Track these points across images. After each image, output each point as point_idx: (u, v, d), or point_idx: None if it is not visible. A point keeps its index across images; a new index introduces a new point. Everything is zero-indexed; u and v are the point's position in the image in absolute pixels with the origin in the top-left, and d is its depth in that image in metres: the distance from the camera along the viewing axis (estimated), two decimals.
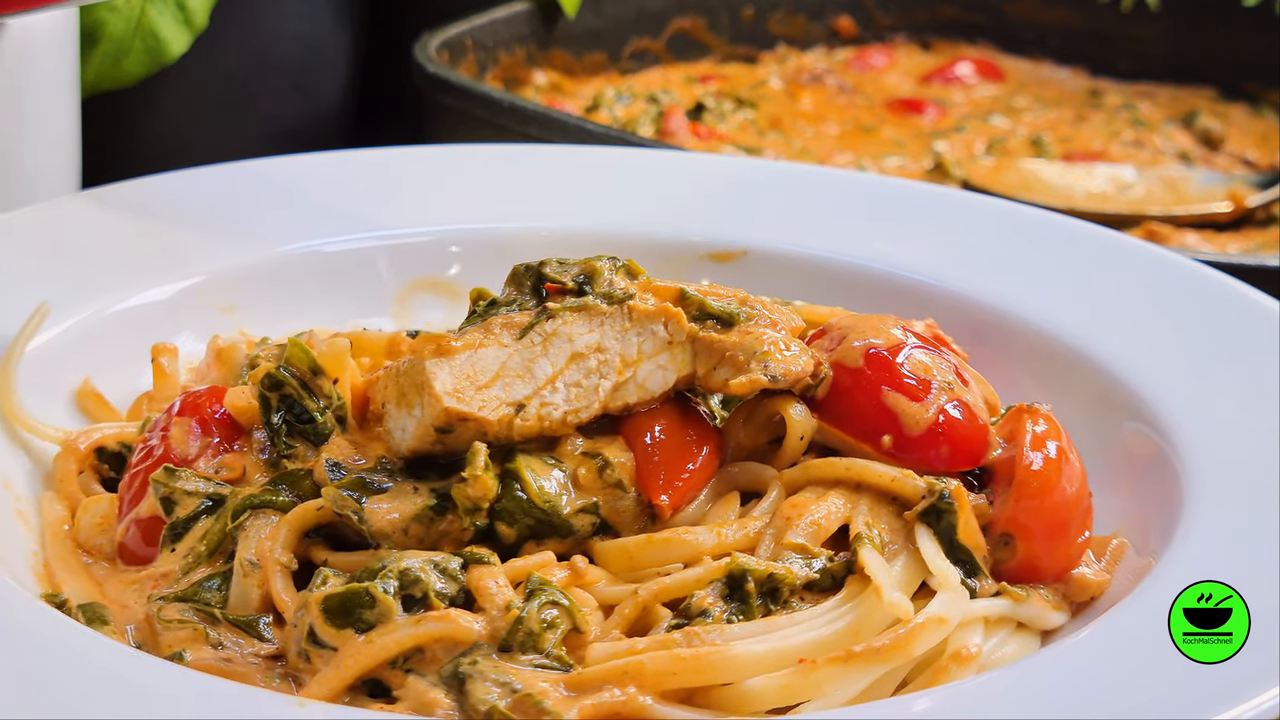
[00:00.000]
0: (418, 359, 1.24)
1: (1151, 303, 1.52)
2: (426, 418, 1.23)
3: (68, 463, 1.38)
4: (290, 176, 1.70)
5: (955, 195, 1.77)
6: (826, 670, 1.15)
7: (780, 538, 1.23)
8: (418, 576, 1.16)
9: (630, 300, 1.28)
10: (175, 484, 1.29)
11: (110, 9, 1.85)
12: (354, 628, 1.15)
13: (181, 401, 1.34)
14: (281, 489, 1.27)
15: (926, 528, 1.24)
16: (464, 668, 1.13)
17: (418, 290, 1.64)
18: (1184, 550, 1.23)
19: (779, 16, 2.57)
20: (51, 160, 1.69)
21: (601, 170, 1.75)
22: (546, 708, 1.11)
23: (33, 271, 1.52)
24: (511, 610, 1.15)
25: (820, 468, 1.27)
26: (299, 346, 1.30)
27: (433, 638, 1.15)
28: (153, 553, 1.29)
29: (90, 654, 1.13)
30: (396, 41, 2.18)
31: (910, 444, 1.28)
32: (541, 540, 1.23)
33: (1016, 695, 1.11)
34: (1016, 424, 1.30)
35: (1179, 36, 2.55)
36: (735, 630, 1.16)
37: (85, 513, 1.34)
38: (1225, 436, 1.34)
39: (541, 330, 1.26)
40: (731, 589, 1.19)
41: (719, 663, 1.14)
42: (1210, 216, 2.10)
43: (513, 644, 1.15)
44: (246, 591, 1.22)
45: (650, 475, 1.26)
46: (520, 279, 1.30)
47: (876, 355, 1.30)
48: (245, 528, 1.25)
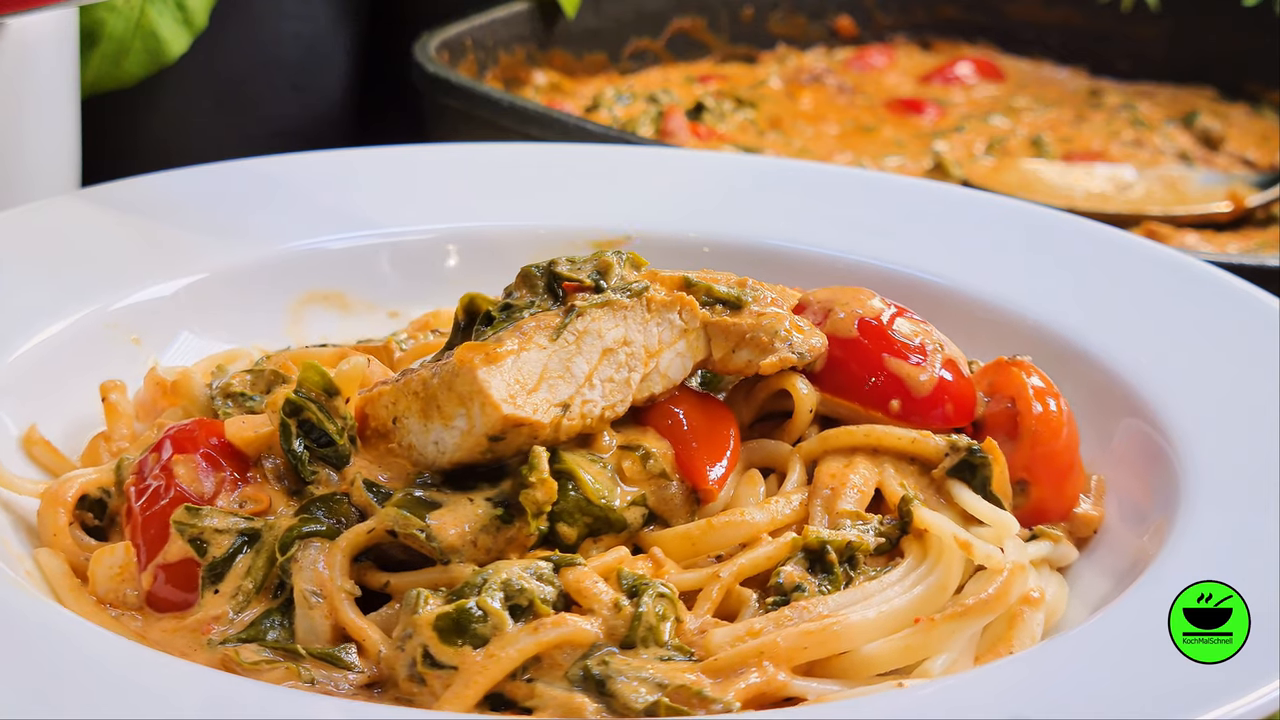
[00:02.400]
0: (466, 368, 1.22)
1: (1150, 299, 1.53)
2: (480, 427, 1.22)
3: (56, 515, 1.31)
4: (285, 175, 1.70)
5: (951, 191, 1.77)
6: (945, 626, 1.19)
7: (831, 507, 1.27)
8: (522, 586, 1.16)
9: (647, 291, 1.29)
10: (202, 523, 1.24)
11: (110, 9, 1.85)
12: (470, 644, 1.14)
13: (171, 439, 1.29)
14: (319, 515, 1.24)
15: (961, 482, 1.29)
16: (596, 669, 1.13)
17: (309, 303, 1.61)
18: (1181, 547, 1.23)
19: (779, 16, 2.57)
20: (51, 160, 1.69)
21: (574, 166, 1.76)
22: (708, 695, 1.12)
23: (29, 270, 1.51)
24: (623, 608, 1.16)
25: (839, 437, 1.31)
26: (314, 369, 1.27)
27: (553, 644, 1.14)
28: (188, 597, 1.24)
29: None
30: (396, 41, 2.18)
31: (918, 406, 1.32)
32: (598, 537, 1.24)
33: (1017, 689, 1.11)
34: (997, 377, 1.36)
35: (1179, 36, 2.55)
36: (839, 600, 1.20)
37: (99, 565, 1.26)
38: (1224, 434, 1.34)
39: (574, 329, 1.26)
40: (812, 561, 1.22)
41: (842, 632, 1.17)
42: (1210, 216, 2.10)
43: (634, 640, 1.15)
44: (314, 624, 1.20)
45: (693, 461, 1.27)
46: (532, 280, 1.30)
47: (868, 324, 1.34)
48: (297, 559, 1.22)
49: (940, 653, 1.19)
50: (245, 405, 1.35)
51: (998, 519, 1.27)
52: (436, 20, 2.19)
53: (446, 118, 2.04)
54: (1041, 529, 1.32)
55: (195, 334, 1.56)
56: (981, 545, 1.24)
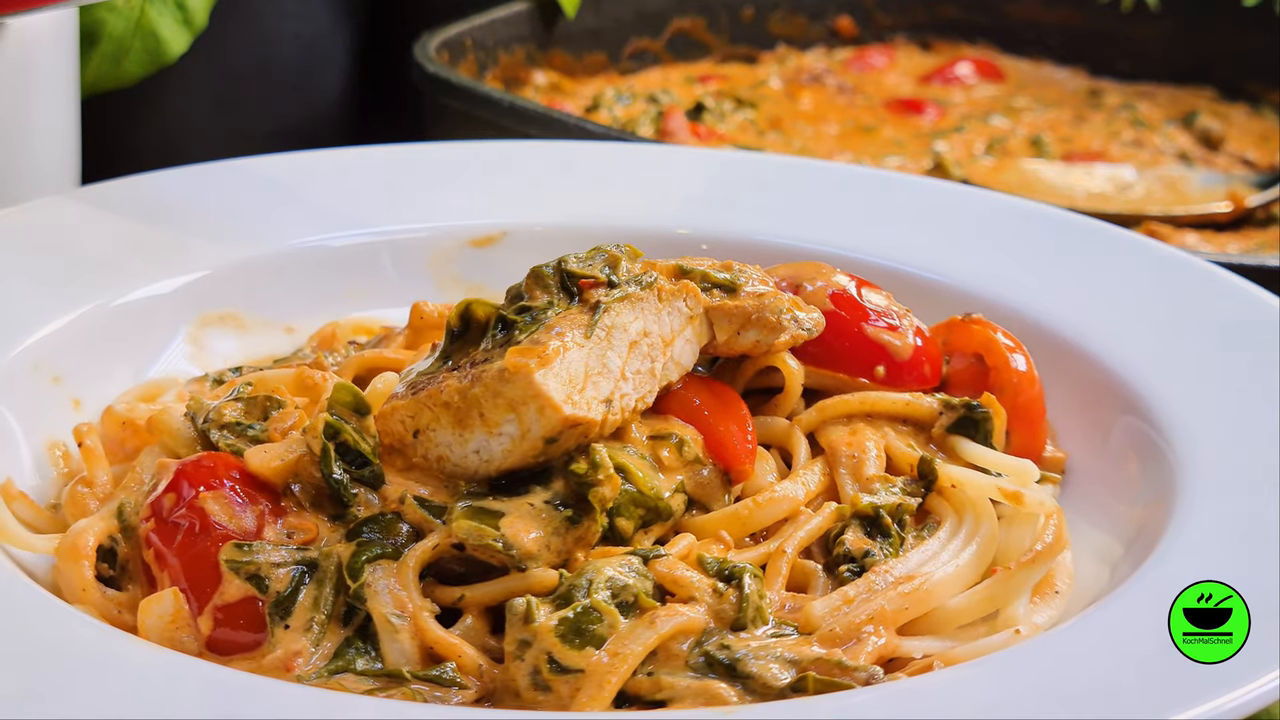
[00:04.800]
0: (522, 373, 1.21)
1: (1150, 298, 1.53)
2: (537, 430, 1.22)
3: (81, 570, 1.25)
4: (282, 173, 1.69)
5: (947, 188, 1.77)
6: (1022, 573, 1.26)
7: (859, 474, 1.31)
8: (626, 582, 1.18)
9: (656, 282, 1.30)
10: (257, 558, 1.21)
11: (110, 9, 1.85)
12: (591, 645, 1.15)
13: (185, 477, 1.25)
14: (375, 537, 1.23)
15: (965, 438, 1.35)
16: (719, 654, 1.15)
17: (207, 326, 1.56)
18: (1176, 545, 1.24)
19: (779, 16, 2.57)
20: (52, 160, 1.69)
21: (565, 164, 1.76)
22: (849, 664, 1.15)
23: (26, 269, 1.51)
24: (724, 592, 1.19)
25: (836, 406, 1.35)
26: (345, 388, 1.25)
27: (670, 635, 1.16)
28: (255, 637, 1.21)
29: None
30: (396, 41, 2.18)
31: (901, 370, 1.38)
32: (648, 528, 1.25)
33: (1003, 687, 1.11)
34: (951, 336, 1.42)
35: (1179, 36, 2.55)
36: (911, 561, 1.25)
37: (148, 615, 1.21)
38: (1223, 434, 1.34)
39: (603, 325, 1.26)
40: (868, 527, 1.27)
41: (932, 590, 1.23)
42: (1210, 216, 2.10)
43: (744, 621, 1.18)
44: (403, 646, 1.18)
45: (724, 443, 1.30)
46: (544, 279, 1.29)
47: (841, 296, 1.39)
48: (370, 584, 1.20)
49: (1016, 598, 1.25)
50: (246, 435, 1.30)
51: (1018, 467, 1.32)
52: (436, 20, 2.19)
53: (446, 118, 2.04)
54: (1045, 474, 1.38)
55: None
56: (1030, 493, 1.29)
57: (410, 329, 1.47)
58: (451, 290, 1.61)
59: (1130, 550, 1.30)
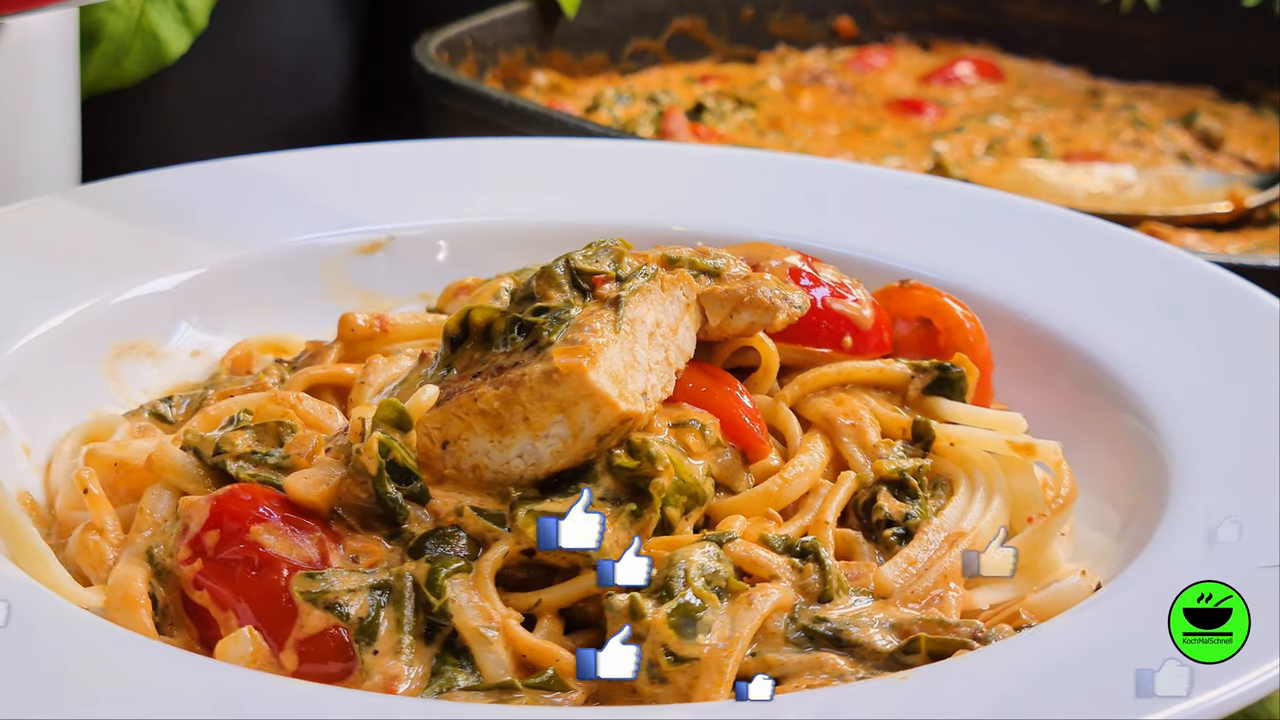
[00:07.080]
0: (575, 373, 1.21)
1: (1149, 298, 1.53)
2: (591, 428, 1.22)
3: (140, 619, 1.20)
4: (281, 173, 1.70)
5: (947, 187, 1.77)
6: (1056, 519, 1.32)
7: (864, 442, 1.34)
8: (716, 567, 1.20)
9: (658, 273, 1.31)
10: (334, 586, 1.19)
11: (110, 9, 1.85)
12: (701, 634, 1.16)
13: (224, 512, 1.21)
14: (441, 551, 1.21)
15: (943, 397, 1.38)
16: (817, 626, 1.19)
17: (121, 356, 1.52)
18: (1171, 543, 1.24)
19: (779, 16, 2.57)
20: (51, 160, 1.70)
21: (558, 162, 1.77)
22: (950, 621, 1.19)
23: (25, 268, 1.51)
24: (802, 567, 1.22)
25: (815, 379, 1.38)
26: (390, 404, 1.23)
27: (769, 614, 1.18)
28: (339, 666, 1.18)
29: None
30: (396, 41, 2.18)
31: (866, 338, 1.41)
32: (688, 514, 1.26)
33: (993, 683, 1.12)
34: (891, 302, 1.46)
35: (1179, 36, 2.55)
36: (951, 516, 1.30)
37: (227, 657, 1.17)
38: (1222, 434, 1.34)
39: (625, 319, 1.27)
40: (896, 491, 1.30)
41: (981, 541, 1.27)
42: (1210, 216, 2.10)
43: (831, 593, 1.21)
44: (499, 657, 1.17)
45: (739, 425, 1.31)
46: (554, 278, 1.29)
47: (799, 272, 1.41)
48: (453, 599, 1.19)
49: (1050, 544, 1.31)
50: (267, 463, 1.27)
51: (1006, 420, 1.37)
52: (436, 20, 2.19)
53: (446, 118, 2.04)
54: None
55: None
56: (1041, 443, 1.34)
57: (341, 341, 1.45)
58: (345, 298, 1.62)
59: (1122, 546, 1.31)
